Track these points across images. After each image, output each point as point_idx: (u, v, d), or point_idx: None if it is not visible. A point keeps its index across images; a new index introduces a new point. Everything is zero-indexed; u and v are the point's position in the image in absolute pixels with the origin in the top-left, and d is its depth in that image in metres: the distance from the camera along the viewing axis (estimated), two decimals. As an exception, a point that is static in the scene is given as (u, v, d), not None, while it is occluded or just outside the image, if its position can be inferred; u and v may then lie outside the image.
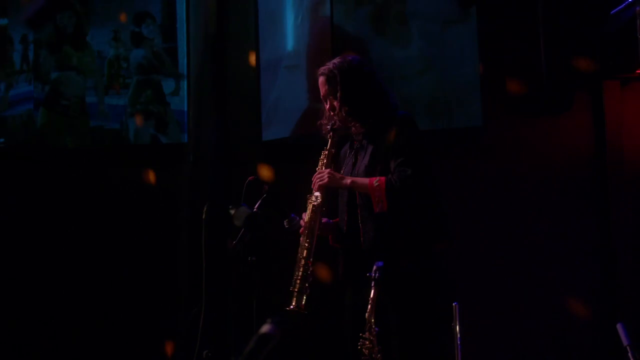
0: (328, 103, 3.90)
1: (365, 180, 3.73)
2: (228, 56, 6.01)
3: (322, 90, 3.91)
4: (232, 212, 3.65)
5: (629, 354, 3.27)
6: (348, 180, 3.79)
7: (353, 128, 3.89)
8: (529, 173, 5.64)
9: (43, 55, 6.16)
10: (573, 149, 5.68)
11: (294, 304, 3.72)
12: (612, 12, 4.32)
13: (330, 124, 3.91)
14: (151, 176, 5.97)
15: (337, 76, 3.83)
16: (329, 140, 3.92)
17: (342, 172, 3.92)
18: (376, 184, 3.68)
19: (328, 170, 3.86)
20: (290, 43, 5.94)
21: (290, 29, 5.94)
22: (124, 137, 6.09)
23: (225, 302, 4.10)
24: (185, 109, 6.03)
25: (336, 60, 3.91)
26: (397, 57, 5.68)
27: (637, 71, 4.50)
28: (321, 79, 3.90)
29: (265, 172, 5.56)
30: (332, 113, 3.90)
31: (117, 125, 6.09)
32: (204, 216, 3.75)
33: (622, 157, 5.57)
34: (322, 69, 3.91)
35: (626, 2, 4.05)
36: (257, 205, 3.77)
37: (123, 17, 6.10)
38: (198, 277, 4.63)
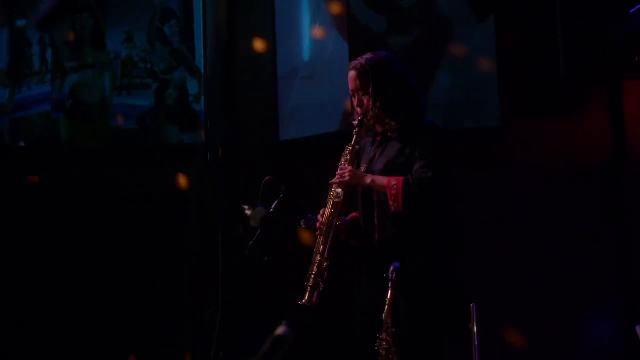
0: (356, 98, 3.87)
1: (384, 180, 3.72)
2: (244, 57, 6.02)
3: (352, 84, 3.86)
4: (249, 212, 3.65)
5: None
6: (368, 179, 3.78)
7: (378, 125, 3.86)
8: (547, 173, 5.60)
9: (61, 57, 6.18)
10: (592, 148, 5.63)
11: (306, 298, 3.71)
12: (630, 10, 4.29)
13: (356, 119, 3.88)
14: (173, 177, 5.98)
15: (369, 71, 3.80)
16: (354, 136, 3.88)
17: (362, 167, 3.90)
18: (394, 183, 3.67)
19: (350, 167, 3.83)
20: (306, 52, 5.96)
21: (306, 35, 5.96)
22: (144, 137, 6.10)
23: (241, 302, 4.10)
24: (203, 109, 6.04)
25: (368, 56, 3.87)
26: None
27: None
28: (352, 74, 3.86)
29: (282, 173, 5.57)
30: (359, 109, 3.87)
31: (136, 126, 6.11)
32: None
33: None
34: (353, 63, 3.88)
35: (645, 1, 4.02)
36: (273, 206, 3.77)
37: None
38: (210, 278, 4.66)
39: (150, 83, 6.13)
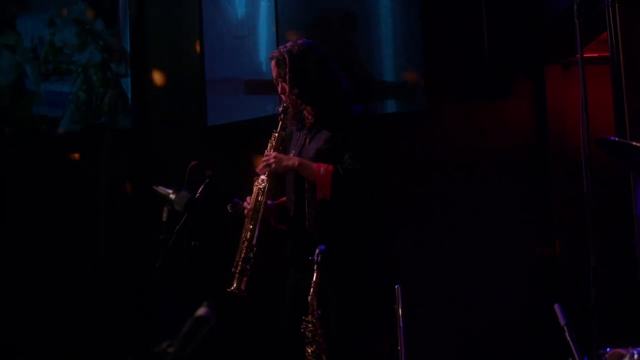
0: (279, 86, 3.93)
1: (312, 165, 3.75)
2: (168, 40, 5.98)
3: (274, 73, 3.94)
4: (173, 197, 3.64)
5: (566, 333, 3.35)
6: (296, 162, 3.80)
7: (305, 112, 3.92)
8: (472, 157, 5.69)
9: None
10: (516, 133, 5.74)
11: (234, 285, 3.73)
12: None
13: (281, 106, 3.94)
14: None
15: (287, 59, 3.86)
16: (279, 122, 3.94)
17: (291, 153, 3.94)
18: (323, 171, 3.71)
19: (274, 153, 3.86)
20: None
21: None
22: (66, 124, 5.99)
23: (169, 287, 4.08)
24: (130, 94, 5.97)
25: (288, 44, 3.94)
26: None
27: (577, 56, 4.57)
28: (272, 63, 3.94)
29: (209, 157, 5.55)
30: (283, 96, 3.92)
31: (60, 113, 6.00)
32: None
33: (565, 142, 5.64)
34: (273, 53, 3.96)
35: (564, -13, 4.10)
36: (199, 190, 3.77)
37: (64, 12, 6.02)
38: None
39: (75, 69, 6.03)
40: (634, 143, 2.82)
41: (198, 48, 5.94)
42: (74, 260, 5.75)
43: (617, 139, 3.26)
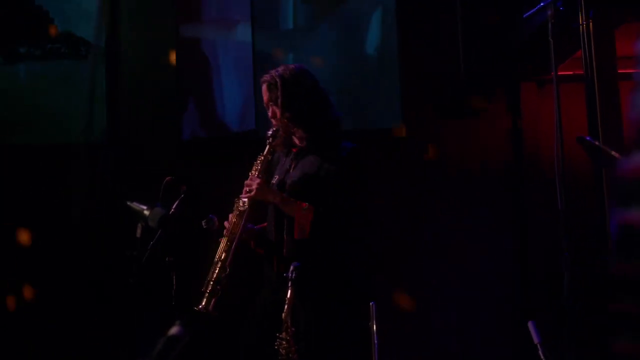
0: (270, 110, 3.93)
1: (294, 204, 3.77)
2: (143, 53, 5.95)
3: (265, 97, 3.94)
4: (147, 213, 3.62)
5: (539, 352, 3.36)
6: (277, 198, 3.82)
7: (295, 136, 3.92)
8: (449, 173, 5.71)
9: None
10: (492, 149, 5.77)
11: (202, 304, 3.72)
12: (524, 15, 4.41)
13: (271, 130, 3.93)
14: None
15: (279, 83, 3.87)
16: (267, 146, 3.93)
17: (274, 178, 3.94)
18: (304, 211, 3.73)
19: (259, 180, 3.85)
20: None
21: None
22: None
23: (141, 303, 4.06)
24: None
25: (279, 68, 3.95)
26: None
27: (552, 73, 4.60)
28: (263, 87, 3.94)
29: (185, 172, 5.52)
30: (273, 120, 3.93)
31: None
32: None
33: (539, 158, 5.68)
34: (264, 77, 3.95)
35: (538, 6, 4.13)
36: (174, 206, 3.75)
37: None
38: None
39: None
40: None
41: (173, 58, 5.92)
42: (46, 276, 5.70)
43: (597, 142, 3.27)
